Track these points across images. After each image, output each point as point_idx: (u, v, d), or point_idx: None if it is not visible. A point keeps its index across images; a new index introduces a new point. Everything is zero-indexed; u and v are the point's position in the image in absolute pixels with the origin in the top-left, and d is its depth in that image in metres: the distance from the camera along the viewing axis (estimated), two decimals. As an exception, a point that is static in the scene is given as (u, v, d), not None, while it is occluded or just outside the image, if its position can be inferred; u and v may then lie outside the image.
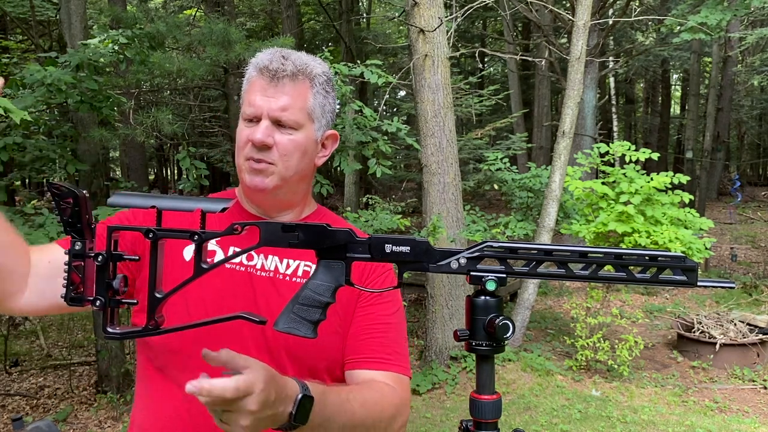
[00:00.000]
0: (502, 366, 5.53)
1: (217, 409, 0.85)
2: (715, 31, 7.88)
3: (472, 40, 17.17)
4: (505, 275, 0.87)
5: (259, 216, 1.28)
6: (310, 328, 0.90)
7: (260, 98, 1.18)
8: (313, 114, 1.22)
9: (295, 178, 1.23)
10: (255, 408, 0.85)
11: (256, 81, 1.20)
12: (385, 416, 1.12)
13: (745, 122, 22.66)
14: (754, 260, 10.31)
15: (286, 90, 1.18)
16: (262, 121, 1.18)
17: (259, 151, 1.18)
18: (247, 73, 1.23)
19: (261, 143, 1.17)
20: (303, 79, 1.20)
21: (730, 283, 0.89)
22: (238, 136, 1.21)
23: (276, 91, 1.18)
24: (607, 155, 6.02)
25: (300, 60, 1.21)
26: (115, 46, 4.28)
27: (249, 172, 1.20)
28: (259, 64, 1.20)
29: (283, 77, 1.18)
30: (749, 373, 5.48)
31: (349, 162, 5.25)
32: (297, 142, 1.20)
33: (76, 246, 0.81)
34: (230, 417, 0.86)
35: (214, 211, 0.85)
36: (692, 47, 14.85)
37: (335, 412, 1.01)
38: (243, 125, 1.21)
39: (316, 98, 1.22)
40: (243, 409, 0.84)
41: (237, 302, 1.17)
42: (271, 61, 1.18)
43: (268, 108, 1.17)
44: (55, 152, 4.75)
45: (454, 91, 7.86)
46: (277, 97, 1.17)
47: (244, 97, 1.22)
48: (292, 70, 1.18)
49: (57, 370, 5.83)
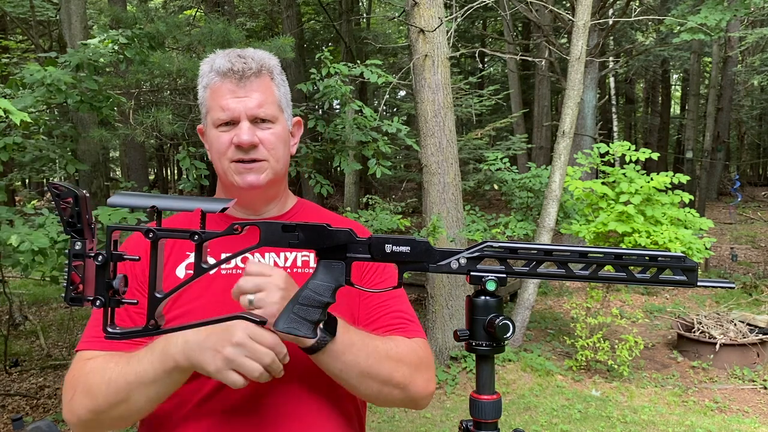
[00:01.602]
0: (502, 366, 5.53)
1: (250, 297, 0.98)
2: (715, 31, 7.88)
3: (472, 40, 17.17)
4: (505, 275, 0.87)
5: (244, 217, 1.28)
6: (310, 328, 0.90)
7: (233, 101, 1.18)
8: (281, 104, 1.25)
9: (283, 170, 1.27)
10: (282, 285, 0.99)
11: (221, 85, 1.19)
12: (410, 359, 1.14)
13: (745, 122, 22.65)
14: (754, 260, 10.30)
15: (254, 87, 1.19)
16: (242, 122, 1.18)
17: (247, 152, 1.19)
18: (205, 80, 1.22)
19: (250, 144, 1.18)
20: (266, 74, 1.22)
21: (729, 283, 0.89)
22: (217, 143, 1.21)
23: (246, 91, 1.19)
24: (607, 155, 6.02)
25: (258, 56, 1.23)
26: (115, 46, 4.28)
27: (239, 172, 1.20)
28: (221, 68, 1.19)
29: (249, 76, 1.19)
30: (749, 373, 5.48)
31: (349, 162, 5.25)
32: (278, 135, 1.22)
33: (76, 246, 0.81)
34: (263, 297, 0.97)
35: (214, 211, 0.85)
36: (692, 47, 14.84)
37: (360, 338, 1.07)
38: (218, 131, 1.20)
39: (279, 89, 1.24)
40: (273, 284, 0.98)
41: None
42: (232, 63, 1.19)
43: (245, 108, 1.18)
44: (55, 152, 4.74)
45: (454, 91, 7.86)
46: (250, 95, 1.19)
47: (211, 104, 1.21)
48: (256, 67, 1.20)
49: (57, 370, 5.82)
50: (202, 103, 1.25)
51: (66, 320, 7.40)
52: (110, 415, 1.06)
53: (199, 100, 1.27)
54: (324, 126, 5.18)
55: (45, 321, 7.64)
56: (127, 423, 1.10)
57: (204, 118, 1.25)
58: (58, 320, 7.64)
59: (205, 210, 0.85)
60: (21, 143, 4.16)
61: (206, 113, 1.23)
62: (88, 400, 1.07)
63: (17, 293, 7.95)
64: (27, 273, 3.93)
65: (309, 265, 1.23)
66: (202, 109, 1.26)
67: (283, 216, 1.31)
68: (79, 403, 1.08)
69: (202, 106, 1.25)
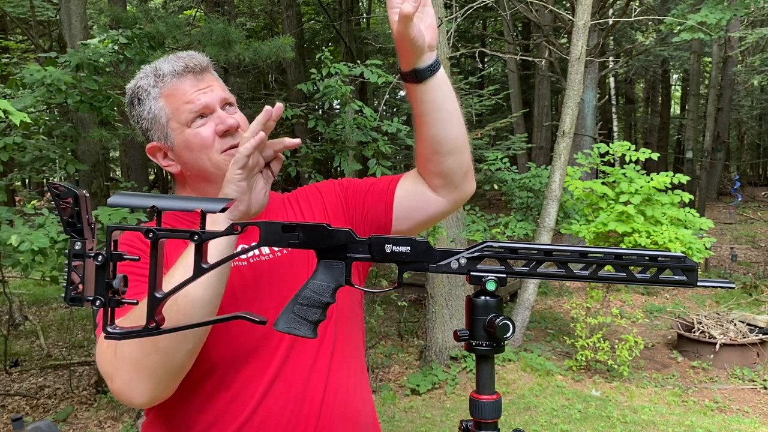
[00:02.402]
0: (502, 366, 5.53)
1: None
2: (715, 31, 7.88)
3: (472, 40, 17.17)
4: (505, 275, 0.87)
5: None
6: (310, 328, 0.90)
7: (198, 94, 1.19)
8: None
9: None
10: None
11: (179, 85, 1.19)
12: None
13: (745, 122, 22.66)
14: (754, 260, 10.30)
15: (209, 79, 1.22)
16: (217, 110, 1.19)
17: (233, 137, 1.19)
18: (154, 91, 1.20)
19: (236, 125, 1.20)
20: (208, 68, 1.25)
21: (729, 283, 0.89)
22: (198, 139, 1.18)
23: (206, 83, 1.21)
24: (607, 155, 6.02)
25: (196, 55, 1.25)
26: (115, 46, 4.28)
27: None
28: (175, 70, 1.20)
29: (202, 70, 1.22)
30: (749, 373, 5.48)
31: (349, 162, 5.24)
32: (243, 116, 1.25)
33: (76, 246, 0.81)
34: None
35: (214, 210, 0.85)
36: (692, 47, 14.84)
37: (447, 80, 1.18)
38: (193, 130, 1.18)
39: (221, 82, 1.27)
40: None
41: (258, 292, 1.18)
42: (185, 62, 1.21)
43: (214, 96, 1.20)
44: (55, 152, 4.74)
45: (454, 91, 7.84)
46: (212, 85, 1.21)
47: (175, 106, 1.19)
48: (203, 61, 1.23)
49: (57, 370, 5.82)
50: (157, 114, 1.20)
51: (66, 320, 7.40)
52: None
53: (147, 117, 1.21)
54: (324, 126, 5.18)
55: (45, 321, 7.65)
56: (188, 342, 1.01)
57: (163, 130, 1.21)
58: (58, 320, 7.64)
59: (205, 210, 0.85)
60: (21, 143, 4.16)
61: (167, 121, 1.20)
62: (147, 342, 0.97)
63: (17, 293, 7.96)
64: (27, 273, 3.93)
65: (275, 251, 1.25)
66: (155, 124, 1.21)
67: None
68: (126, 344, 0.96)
69: (158, 118, 1.20)
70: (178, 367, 1.02)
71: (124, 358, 0.99)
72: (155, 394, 1.02)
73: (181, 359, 1.01)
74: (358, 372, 1.29)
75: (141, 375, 0.99)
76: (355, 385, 1.26)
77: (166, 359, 0.99)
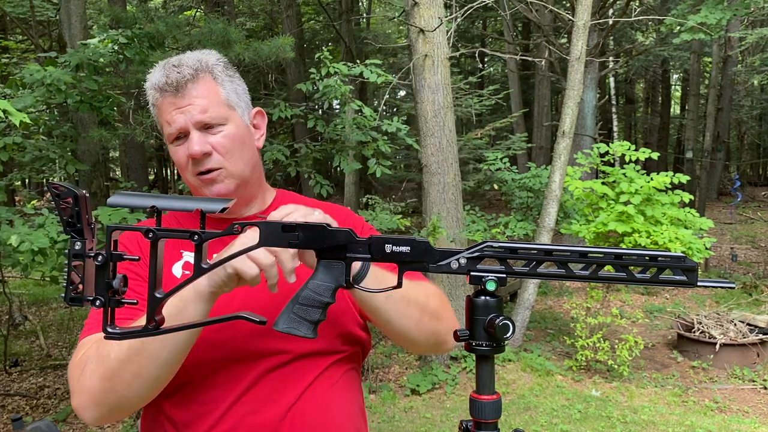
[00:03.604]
0: (502, 366, 5.53)
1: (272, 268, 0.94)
2: (715, 31, 7.89)
3: (472, 40, 17.17)
4: (505, 275, 0.87)
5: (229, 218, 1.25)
6: (310, 329, 0.90)
7: (176, 114, 1.16)
8: (230, 102, 1.20)
9: (247, 170, 1.22)
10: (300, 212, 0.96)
11: (163, 101, 1.17)
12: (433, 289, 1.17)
13: (745, 122, 22.65)
14: (754, 260, 10.30)
15: (194, 93, 1.16)
16: (191, 133, 1.16)
17: (202, 163, 1.17)
18: (151, 98, 1.20)
19: (201, 154, 1.16)
20: (204, 76, 1.18)
21: (730, 284, 0.89)
22: (175, 159, 1.19)
23: (187, 100, 1.16)
24: (607, 155, 6.02)
25: (192, 59, 1.19)
26: (115, 46, 4.28)
27: (204, 185, 1.19)
28: (157, 84, 1.17)
29: (185, 84, 1.16)
30: (749, 373, 5.48)
31: (349, 162, 5.24)
32: (231, 136, 1.19)
33: (76, 246, 0.81)
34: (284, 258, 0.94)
35: (214, 211, 0.85)
36: (692, 47, 14.85)
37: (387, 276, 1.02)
38: (174, 147, 1.19)
39: (225, 87, 1.20)
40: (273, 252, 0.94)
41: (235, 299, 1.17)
42: (167, 76, 1.16)
43: (189, 118, 1.15)
44: (54, 152, 4.74)
45: (454, 91, 7.86)
46: (193, 102, 1.15)
47: (160, 121, 1.20)
48: (190, 72, 1.16)
49: (57, 370, 5.82)
50: (156, 121, 1.22)
51: (66, 320, 7.40)
52: (123, 377, 0.99)
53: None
54: (324, 126, 5.18)
55: (45, 321, 7.64)
56: (143, 390, 1.03)
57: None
58: (58, 320, 7.64)
59: (205, 210, 0.85)
60: (21, 143, 4.16)
61: (161, 129, 1.22)
62: (99, 365, 1.00)
63: (17, 293, 7.96)
64: (27, 273, 3.93)
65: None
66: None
67: (265, 212, 1.29)
68: (90, 373, 1.01)
69: (157, 123, 1.23)
70: (130, 406, 1.06)
71: (83, 387, 1.04)
72: (105, 421, 1.08)
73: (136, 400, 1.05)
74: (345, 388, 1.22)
75: (95, 405, 1.04)
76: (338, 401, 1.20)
77: (121, 399, 1.03)
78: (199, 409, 1.13)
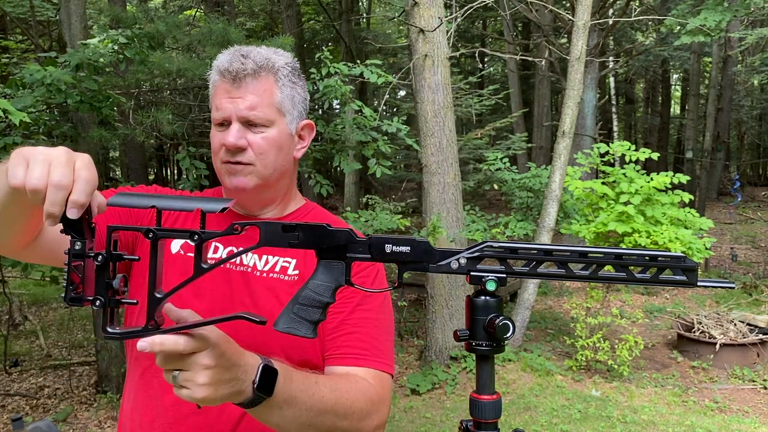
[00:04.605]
0: (502, 366, 5.53)
1: (175, 374, 0.83)
2: (715, 32, 7.89)
3: (472, 40, 17.17)
4: (505, 275, 0.87)
5: (244, 215, 1.27)
6: (310, 329, 0.90)
7: (226, 101, 1.16)
8: (282, 108, 1.20)
9: (275, 176, 1.22)
10: (211, 362, 0.82)
11: (220, 85, 1.18)
12: (358, 408, 1.06)
13: (745, 122, 22.65)
14: (754, 260, 10.31)
15: (250, 89, 1.16)
16: (233, 123, 1.17)
17: (234, 154, 1.17)
18: (211, 78, 1.21)
19: (234, 147, 1.16)
20: (266, 75, 1.18)
21: (730, 284, 0.89)
22: (212, 141, 1.20)
23: (241, 92, 1.16)
24: (607, 155, 6.02)
25: (260, 56, 1.18)
26: (115, 46, 4.27)
27: (228, 174, 1.19)
28: (220, 66, 1.17)
29: (245, 77, 1.16)
30: (749, 373, 5.48)
31: (349, 162, 5.24)
32: (271, 140, 1.19)
33: (76, 246, 0.81)
34: (187, 377, 0.83)
35: (214, 211, 0.85)
36: (692, 47, 14.84)
37: (302, 390, 0.97)
38: (215, 130, 1.20)
39: (283, 91, 1.20)
40: (199, 363, 0.82)
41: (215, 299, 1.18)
42: (231, 62, 1.16)
43: (236, 110, 1.16)
44: (55, 152, 4.72)
45: (454, 91, 7.86)
46: (243, 97, 1.16)
47: (212, 102, 1.21)
48: (253, 67, 1.16)
49: (57, 370, 5.82)
50: (210, 99, 1.24)
51: (66, 320, 7.41)
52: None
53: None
54: (324, 126, 5.18)
55: (45, 321, 7.65)
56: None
57: None
58: (57, 320, 7.64)
59: (205, 210, 0.85)
60: (21, 143, 4.16)
61: (211, 109, 1.23)
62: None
63: (17, 293, 7.95)
64: (27, 273, 3.93)
65: (287, 272, 1.21)
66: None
67: (282, 219, 1.29)
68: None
69: (210, 102, 1.24)
70: None
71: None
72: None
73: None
74: None
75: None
76: None
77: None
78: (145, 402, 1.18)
